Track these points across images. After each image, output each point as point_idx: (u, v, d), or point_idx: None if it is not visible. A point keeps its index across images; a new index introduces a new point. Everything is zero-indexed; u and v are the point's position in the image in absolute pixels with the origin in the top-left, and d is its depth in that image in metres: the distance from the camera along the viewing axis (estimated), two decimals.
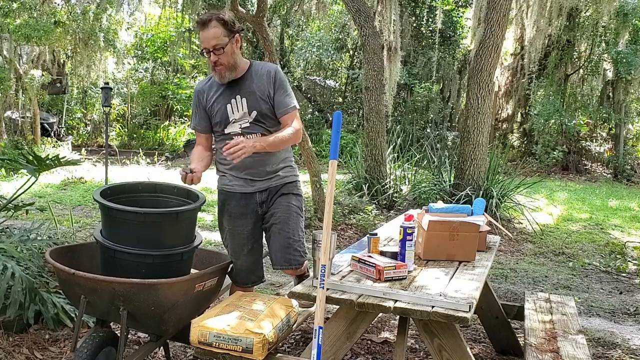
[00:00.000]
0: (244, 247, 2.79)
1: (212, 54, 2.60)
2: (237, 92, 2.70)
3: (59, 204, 7.39)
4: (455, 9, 14.20)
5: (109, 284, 2.28)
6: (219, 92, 2.73)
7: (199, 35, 2.64)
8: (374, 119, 7.49)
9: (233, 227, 2.80)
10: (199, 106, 2.79)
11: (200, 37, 2.63)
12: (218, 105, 2.72)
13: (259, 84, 2.71)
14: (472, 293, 2.17)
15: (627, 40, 12.19)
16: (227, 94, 2.71)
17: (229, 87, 2.71)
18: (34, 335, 3.02)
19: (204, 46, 2.62)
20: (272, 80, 2.72)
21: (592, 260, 5.80)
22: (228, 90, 2.71)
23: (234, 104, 2.70)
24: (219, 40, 2.58)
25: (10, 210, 3.50)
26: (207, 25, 2.59)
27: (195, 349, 2.26)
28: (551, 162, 12.93)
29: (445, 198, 6.80)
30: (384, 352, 3.27)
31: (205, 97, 2.76)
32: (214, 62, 2.62)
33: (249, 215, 2.79)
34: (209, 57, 2.63)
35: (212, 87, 2.76)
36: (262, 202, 2.79)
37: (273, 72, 2.73)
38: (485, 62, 6.70)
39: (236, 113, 2.71)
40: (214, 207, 7.50)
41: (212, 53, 2.60)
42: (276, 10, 14.62)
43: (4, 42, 11.70)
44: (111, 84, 11.29)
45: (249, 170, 2.75)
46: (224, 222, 2.85)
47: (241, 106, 2.70)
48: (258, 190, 2.77)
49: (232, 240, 2.81)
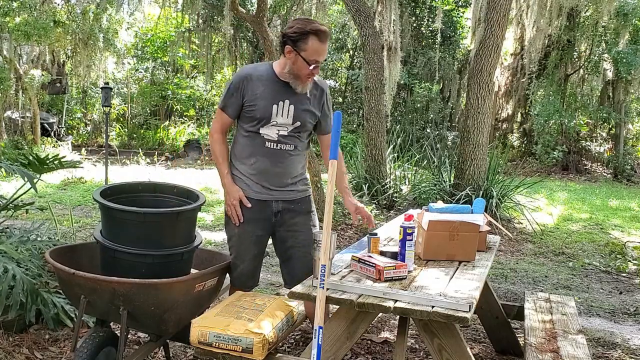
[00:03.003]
0: (249, 252, 2.74)
1: (317, 67, 2.55)
2: (286, 97, 2.61)
3: (59, 204, 7.39)
4: (455, 9, 14.21)
5: (109, 283, 2.28)
6: (268, 89, 2.60)
7: (313, 44, 2.50)
8: (374, 119, 7.49)
9: (243, 230, 2.71)
10: (239, 90, 2.60)
11: (317, 49, 2.52)
12: (263, 101, 2.59)
13: (311, 97, 2.67)
14: (472, 293, 2.17)
15: (627, 40, 12.19)
16: (275, 94, 2.60)
17: (280, 88, 2.61)
18: (34, 335, 3.02)
19: (318, 58, 2.54)
20: (326, 98, 2.73)
21: (592, 260, 5.80)
22: (277, 90, 2.61)
23: (280, 107, 2.60)
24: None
25: (10, 210, 3.50)
26: (327, 38, 2.54)
27: (195, 349, 2.26)
28: (551, 162, 12.93)
29: (445, 198, 6.80)
30: (384, 352, 3.27)
31: (252, 86, 2.60)
32: (312, 73, 2.57)
33: (262, 222, 2.71)
34: (313, 69, 2.54)
35: (261, 80, 2.61)
36: (278, 212, 2.72)
37: (327, 90, 2.75)
38: (485, 62, 6.70)
39: (280, 117, 2.60)
40: (214, 207, 7.56)
41: (317, 66, 2.55)
42: (276, 10, 14.62)
43: (4, 41, 11.71)
44: (111, 84, 11.29)
45: (272, 178, 2.67)
46: (232, 224, 2.75)
47: (287, 112, 2.61)
48: (275, 199, 2.70)
49: (240, 243, 2.73)
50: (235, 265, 2.76)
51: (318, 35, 2.50)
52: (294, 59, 2.53)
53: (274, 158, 2.65)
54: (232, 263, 2.77)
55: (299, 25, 2.50)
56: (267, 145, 2.63)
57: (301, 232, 2.73)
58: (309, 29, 2.48)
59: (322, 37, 2.51)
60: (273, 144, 2.63)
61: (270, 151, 2.64)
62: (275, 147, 2.64)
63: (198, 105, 16.57)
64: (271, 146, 2.63)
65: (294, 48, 2.51)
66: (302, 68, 2.54)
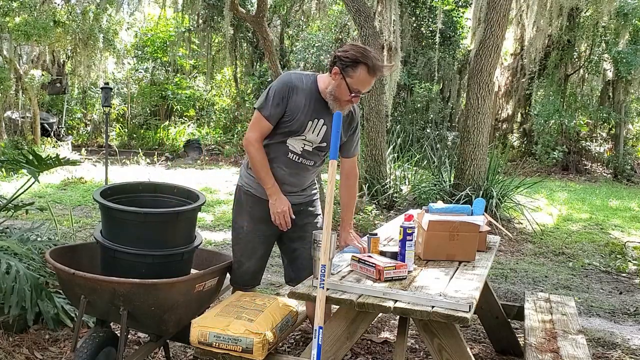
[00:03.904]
0: (257, 251, 2.75)
1: (357, 96, 2.53)
2: (322, 116, 2.60)
3: (59, 204, 7.39)
4: (455, 9, 14.20)
5: (109, 284, 2.28)
6: (310, 104, 2.58)
7: (361, 75, 2.46)
8: (374, 119, 7.49)
9: (252, 229, 2.72)
10: (284, 99, 2.55)
11: (364, 81, 2.48)
12: (302, 115, 2.57)
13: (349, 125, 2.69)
14: (472, 293, 2.17)
15: (627, 40, 12.19)
16: (313, 111, 2.58)
17: (319, 106, 2.59)
18: (34, 335, 3.02)
19: (362, 89, 2.51)
20: (355, 124, 2.72)
21: (592, 260, 5.80)
22: (316, 108, 2.59)
23: (314, 124, 2.60)
24: None
25: (10, 210, 3.50)
26: (377, 73, 2.50)
27: (195, 349, 2.26)
28: (551, 162, 12.93)
29: (445, 198, 6.80)
30: (384, 352, 3.27)
31: (297, 98, 2.56)
32: (352, 101, 2.56)
33: (271, 222, 2.70)
34: (354, 97, 2.52)
35: (306, 93, 2.58)
36: None
37: (357, 116, 2.73)
38: (485, 62, 6.70)
39: (310, 134, 2.61)
40: (214, 207, 7.56)
41: (358, 96, 2.53)
42: (276, 10, 14.63)
43: (4, 41, 11.71)
44: (111, 84, 11.29)
45: (285, 186, 2.68)
46: (241, 222, 2.76)
47: (318, 131, 2.61)
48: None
49: (247, 241, 2.73)
50: (240, 263, 2.76)
51: (369, 68, 2.46)
52: (339, 82, 2.51)
53: (292, 170, 2.67)
54: (237, 261, 2.77)
55: (354, 52, 2.46)
56: (289, 157, 2.64)
57: (310, 234, 2.72)
58: (363, 60, 2.44)
59: (373, 71, 2.48)
60: (295, 157, 2.64)
61: (291, 162, 2.65)
62: (297, 160, 2.65)
63: (198, 105, 16.57)
64: (293, 158, 2.64)
65: (342, 72, 2.48)
66: (343, 94, 2.52)
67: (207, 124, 16.12)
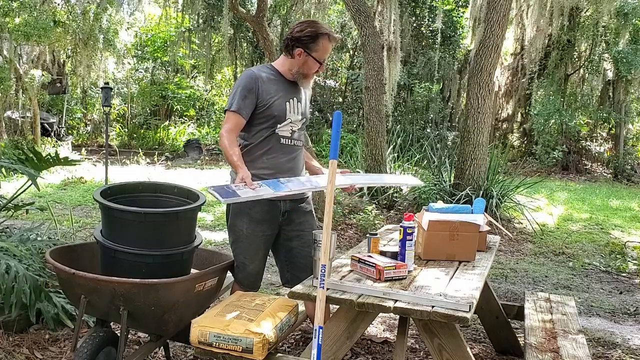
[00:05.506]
0: (259, 252, 2.75)
1: (322, 65, 2.73)
2: (293, 95, 2.75)
3: (59, 204, 7.39)
4: (455, 9, 14.21)
5: (109, 284, 2.28)
6: (279, 88, 2.71)
7: (324, 45, 2.68)
8: (374, 119, 7.49)
9: (253, 231, 2.71)
10: (252, 91, 2.64)
11: (327, 49, 2.71)
12: (278, 99, 2.68)
13: (307, 95, 2.86)
14: (472, 293, 2.17)
15: (627, 40, 12.19)
16: (285, 93, 2.72)
17: (288, 87, 2.74)
18: (34, 335, 3.02)
19: (324, 57, 2.73)
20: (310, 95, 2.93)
21: (592, 260, 5.80)
22: (287, 89, 2.73)
23: (292, 104, 2.73)
24: None
25: (10, 210, 3.50)
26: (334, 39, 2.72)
27: (195, 349, 2.26)
28: (551, 162, 12.93)
29: (445, 198, 6.80)
30: (384, 352, 3.27)
31: (264, 86, 2.67)
32: (318, 71, 2.77)
33: (271, 222, 2.73)
34: (320, 67, 2.73)
35: (271, 80, 2.70)
36: (285, 211, 2.75)
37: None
38: (485, 62, 6.70)
39: (293, 114, 2.73)
40: (214, 207, 7.56)
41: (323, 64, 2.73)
42: (276, 10, 14.62)
43: (4, 41, 11.71)
44: (111, 84, 11.28)
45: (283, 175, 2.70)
46: (240, 224, 2.73)
47: (297, 109, 2.75)
48: (283, 199, 2.72)
49: (249, 244, 2.72)
50: (244, 266, 2.75)
51: (329, 36, 2.68)
52: (304, 59, 2.68)
53: (288, 154, 2.76)
54: (240, 263, 2.75)
55: (310, 29, 2.65)
56: (283, 142, 2.74)
57: (307, 232, 2.75)
58: (321, 32, 2.66)
59: (333, 38, 2.71)
60: (288, 140, 2.75)
61: (286, 147, 2.75)
62: (289, 143, 2.76)
63: (198, 105, 16.58)
64: (286, 142, 2.75)
65: (305, 50, 2.66)
66: (312, 67, 2.73)
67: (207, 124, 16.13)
